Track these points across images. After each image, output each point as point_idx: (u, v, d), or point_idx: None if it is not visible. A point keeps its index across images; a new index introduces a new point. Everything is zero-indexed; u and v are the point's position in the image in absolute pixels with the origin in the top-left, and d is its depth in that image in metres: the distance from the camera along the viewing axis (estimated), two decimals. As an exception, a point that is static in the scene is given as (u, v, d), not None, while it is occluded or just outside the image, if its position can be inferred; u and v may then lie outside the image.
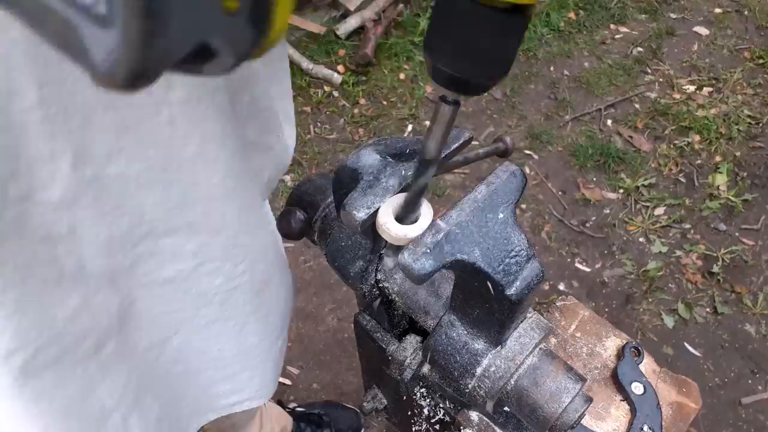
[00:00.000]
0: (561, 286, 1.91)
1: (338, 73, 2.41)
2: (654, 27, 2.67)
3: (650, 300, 1.88)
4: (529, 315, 0.57)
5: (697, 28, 2.70)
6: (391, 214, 0.50)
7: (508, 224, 0.49)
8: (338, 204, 0.60)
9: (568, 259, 1.96)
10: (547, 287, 1.90)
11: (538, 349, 0.57)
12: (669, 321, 1.84)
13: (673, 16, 2.74)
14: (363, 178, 0.53)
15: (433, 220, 0.49)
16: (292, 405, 1.62)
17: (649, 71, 2.51)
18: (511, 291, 0.49)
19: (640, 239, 2.02)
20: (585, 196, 2.10)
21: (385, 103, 2.38)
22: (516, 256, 0.49)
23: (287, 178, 2.13)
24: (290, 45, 2.42)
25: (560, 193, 2.12)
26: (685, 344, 1.80)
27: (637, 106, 2.39)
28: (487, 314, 0.53)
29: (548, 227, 2.04)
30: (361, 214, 0.51)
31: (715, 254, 1.97)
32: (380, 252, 0.65)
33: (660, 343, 1.79)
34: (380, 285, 0.67)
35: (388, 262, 0.62)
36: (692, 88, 2.46)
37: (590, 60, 2.55)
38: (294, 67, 2.40)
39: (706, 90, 2.45)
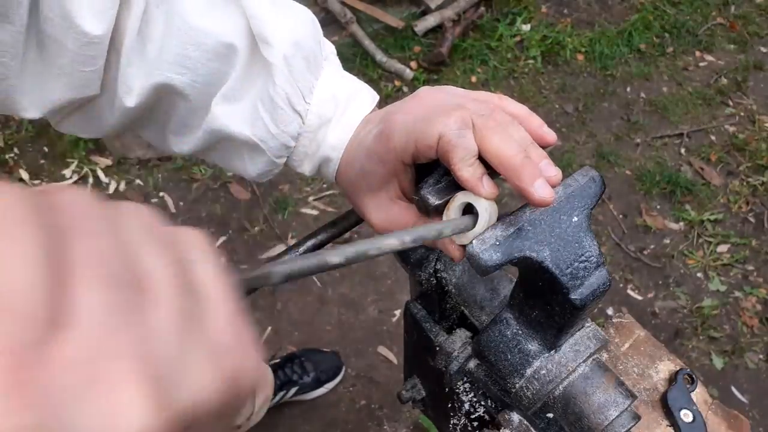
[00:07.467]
0: (609, 311, 1.87)
1: (410, 69, 2.42)
2: (742, 59, 2.57)
3: (701, 338, 1.82)
4: (587, 324, 0.57)
5: (787, 65, 2.60)
6: (459, 210, 0.49)
7: (582, 228, 0.49)
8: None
9: (621, 285, 1.92)
10: (595, 309, 1.87)
11: (591, 359, 0.56)
12: (718, 362, 1.77)
13: (763, 50, 2.63)
14: (441, 164, 0.54)
15: (499, 217, 0.48)
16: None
17: (731, 104, 2.42)
18: (575, 295, 0.49)
19: (698, 274, 1.95)
20: (646, 223, 2.05)
21: (453, 103, 2.38)
22: (585, 261, 0.49)
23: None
24: (367, 36, 2.44)
25: (621, 216, 2.07)
26: (732, 388, 1.74)
27: (713, 137, 2.31)
28: (546, 317, 0.53)
29: (604, 249, 1.99)
30: (434, 200, 0.51)
31: (776, 300, 1.89)
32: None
33: (706, 383, 1.73)
34: (438, 275, 0.67)
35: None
36: (775, 126, 2.36)
37: (669, 85, 2.48)
38: (368, 58, 2.42)
39: (789, 130, 2.35)
